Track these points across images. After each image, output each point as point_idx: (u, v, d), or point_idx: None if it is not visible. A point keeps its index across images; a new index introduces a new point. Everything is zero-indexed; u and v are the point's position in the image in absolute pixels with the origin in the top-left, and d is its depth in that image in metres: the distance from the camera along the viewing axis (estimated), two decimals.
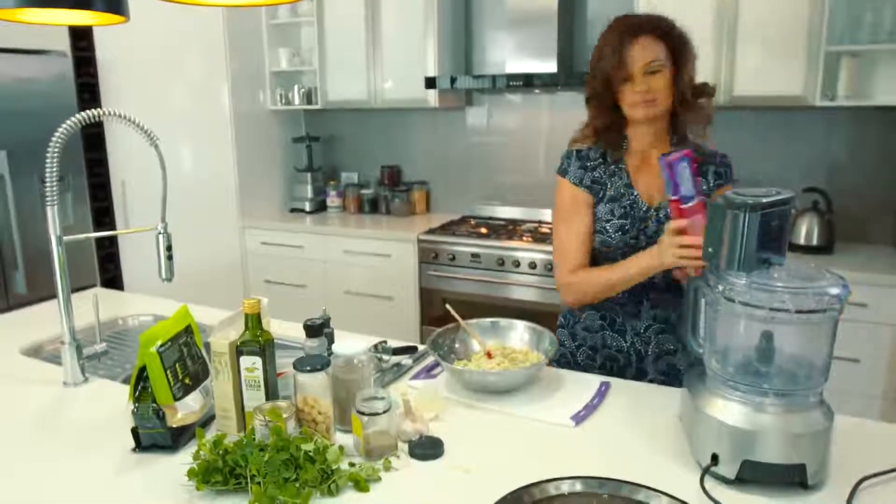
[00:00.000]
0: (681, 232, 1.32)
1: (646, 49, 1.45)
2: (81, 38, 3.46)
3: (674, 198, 1.34)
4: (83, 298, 1.72)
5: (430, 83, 3.35)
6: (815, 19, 2.62)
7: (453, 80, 3.29)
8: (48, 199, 1.45)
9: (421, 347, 1.67)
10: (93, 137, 3.58)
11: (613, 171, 1.58)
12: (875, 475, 1.08)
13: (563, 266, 1.59)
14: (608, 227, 1.55)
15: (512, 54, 3.26)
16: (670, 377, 1.59)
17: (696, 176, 1.33)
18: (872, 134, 2.91)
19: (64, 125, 1.42)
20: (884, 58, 2.72)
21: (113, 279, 3.76)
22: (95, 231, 3.41)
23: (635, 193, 1.55)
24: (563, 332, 1.69)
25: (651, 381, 1.58)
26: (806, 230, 2.84)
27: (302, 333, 1.46)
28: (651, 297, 1.56)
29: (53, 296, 1.70)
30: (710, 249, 1.15)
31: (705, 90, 1.52)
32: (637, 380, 1.55)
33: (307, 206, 3.98)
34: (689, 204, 1.32)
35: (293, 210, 4.04)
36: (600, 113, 1.55)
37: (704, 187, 1.50)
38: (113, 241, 3.78)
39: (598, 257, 1.60)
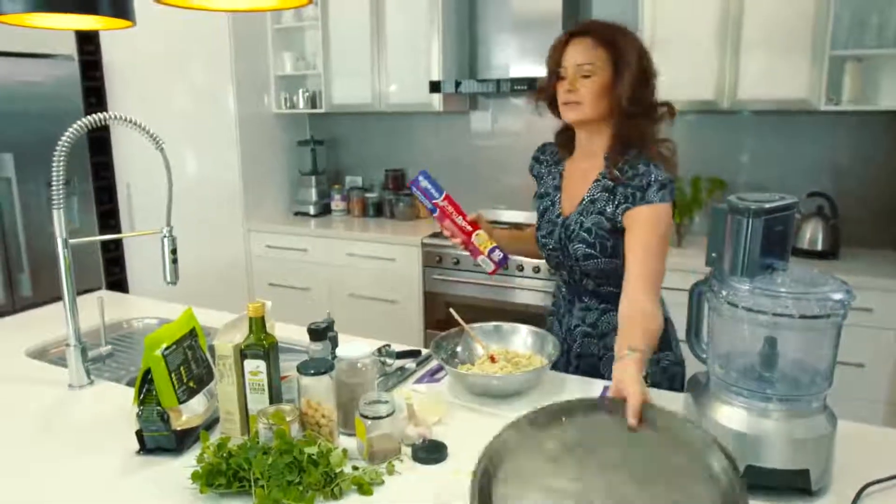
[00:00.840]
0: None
1: (582, 51, 1.45)
2: (88, 42, 3.49)
3: (439, 205, 1.58)
4: (88, 301, 1.73)
5: (435, 87, 3.36)
6: (820, 23, 2.62)
7: (458, 84, 3.29)
8: (54, 202, 1.46)
9: (424, 351, 1.68)
10: (98, 141, 3.61)
11: (552, 171, 1.66)
12: (879, 481, 1.08)
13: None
14: (537, 218, 1.67)
15: (516, 58, 3.27)
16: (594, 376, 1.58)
17: (429, 187, 1.56)
18: (877, 139, 2.90)
19: (70, 129, 1.43)
20: (889, 62, 2.71)
21: (118, 282, 3.78)
22: (101, 234, 3.43)
23: (558, 197, 1.61)
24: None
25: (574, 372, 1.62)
26: (811, 235, 2.83)
27: (306, 337, 1.46)
28: (584, 300, 1.61)
29: (59, 298, 1.71)
30: (713, 254, 1.15)
31: (650, 109, 1.48)
32: (565, 370, 1.62)
33: (311, 210, 3.99)
34: (434, 214, 1.58)
35: (297, 213, 4.05)
36: (553, 113, 1.58)
37: (609, 208, 1.47)
38: (118, 244, 3.81)
39: None
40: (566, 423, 1.05)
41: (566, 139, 1.61)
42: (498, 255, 1.59)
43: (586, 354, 1.62)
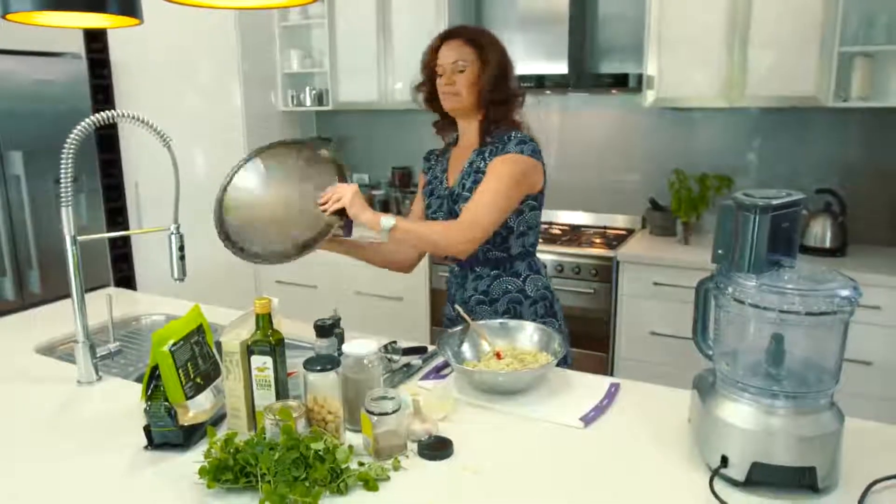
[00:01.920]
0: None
1: (454, 50, 1.69)
2: (96, 41, 3.50)
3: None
4: (97, 298, 1.74)
5: None
6: (829, 19, 2.61)
7: None
8: (63, 199, 1.47)
9: (430, 348, 1.68)
10: (106, 139, 3.62)
11: (439, 160, 1.88)
12: (887, 478, 1.07)
13: None
14: (425, 205, 1.86)
15: (523, 55, 3.26)
16: None
17: None
18: (886, 135, 2.89)
19: (78, 127, 1.44)
20: None
21: (126, 279, 3.80)
22: (109, 231, 3.44)
23: (444, 176, 1.83)
24: None
25: None
26: (819, 232, 2.82)
27: (313, 334, 1.47)
28: (476, 270, 1.78)
29: (68, 295, 1.71)
30: (720, 251, 1.15)
31: (512, 97, 1.74)
32: None
33: None
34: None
35: None
36: (433, 108, 1.82)
37: (483, 164, 1.71)
38: (126, 241, 3.82)
39: None
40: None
41: (445, 126, 1.85)
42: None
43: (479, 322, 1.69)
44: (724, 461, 1.08)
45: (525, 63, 3.25)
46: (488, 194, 1.62)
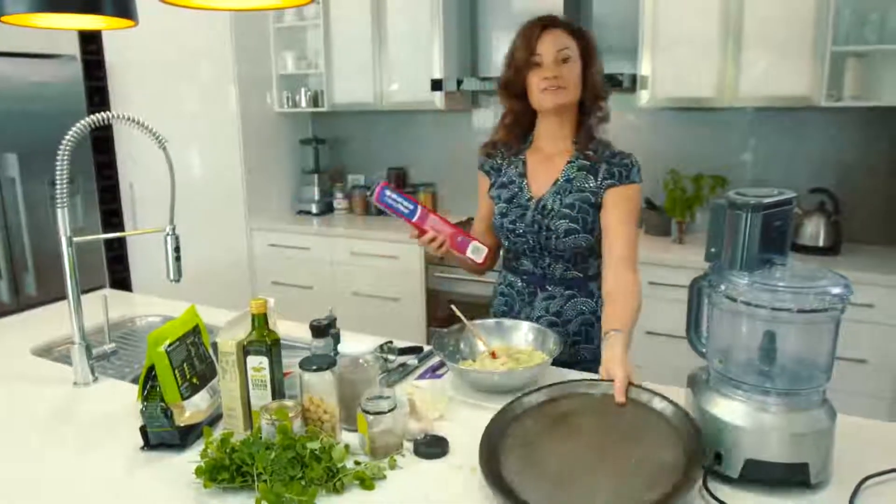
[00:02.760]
0: (422, 235, 1.58)
1: (558, 38, 1.53)
2: (91, 42, 3.50)
3: (417, 214, 1.56)
4: (93, 299, 1.74)
5: (437, 85, 3.36)
6: (821, 19, 2.62)
7: (459, 83, 3.30)
8: (58, 201, 1.47)
9: (426, 348, 1.68)
10: (102, 140, 3.62)
11: (511, 161, 1.69)
12: (878, 474, 1.08)
13: None
14: (495, 210, 1.68)
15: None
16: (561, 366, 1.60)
17: (400, 191, 1.55)
18: (879, 134, 2.90)
19: (74, 128, 1.44)
20: (890, 58, 2.71)
21: (121, 280, 3.80)
22: (104, 233, 3.44)
23: (524, 182, 1.65)
24: None
25: None
26: (813, 231, 2.83)
27: (309, 334, 1.48)
28: (547, 288, 1.65)
29: (63, 297, 1.71)
30: (712, 249, 1.16)
31: (607, 91, 1.62)
32: None
33: (314, 208, 4.00)
34: (416, 216, 1.51)
35: (300, 212, 4.06)
36: (510, 105, 1.64)
37: (591, 184, 1.58)
38: (122, 242, 3.82)
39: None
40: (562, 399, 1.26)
41: (520, 132, 1.68)
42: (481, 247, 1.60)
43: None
44: (718, 458, 1.09)
45: None
46: (633, 234, 1.54)
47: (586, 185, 1.57)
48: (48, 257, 3.08)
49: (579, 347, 1.67)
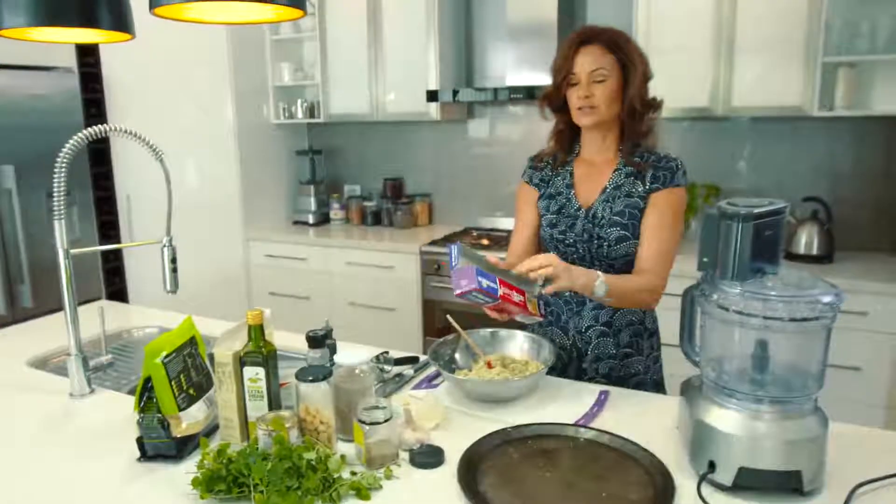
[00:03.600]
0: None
1: (593, 57, 1.52)
2: (88, 55, 3.52)
3: (493, 303, 1.40)
4: (89, 311, 1.74)
5: (432, 96, 3.38)
6: (812, 30, 2.65)
7: (455, 93, 3.32)
8: (56, 212, 1.48)
9: (422, 358, 1.69)
10: (98, 152, 3.63)
11: (559, 172, 1.69)
12: (871, 481, 1.09)
13: (508, 252, 1.76)
14: (543, 221, 1.68)
15: (513, 66, 3.29)
16: (612, 380, 1.62)
17: (483, 275, 1.36)
18: (871, 143, 2.93)
19: (71, 140, 1.45)
20: (881, 68, 2.74)
21: (118, 292, 3.80)
22: (101, 244, 3.45)
23: (572, 193, 1.64)
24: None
25: (591, 380, 1.63)
26: (806, 239, 2.85)
27: (305, 344, 1.48)
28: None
29: (59, 308, 1.70)
30: (704, 259, 1.17)
31: (653, 104, 1.59)
32: (578, 379, 1.61)
33: (310, 219, 4.01)
34: (498, 293, 1.38)
35: (296, 223, 4.07)
36: (556, 118, 1.66)
37: (640, 189, 1.57)
38: (118, 254, 3.83)
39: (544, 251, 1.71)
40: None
41: (566, 142, 1.68)
42: (542, 307, 1.55)
43: (604, 357, 1.63)
44: (712, 466, 1.10)
45: (514, 74, 3.29)
46: (675, 237, 1.55)
47: (634, 191, 1.57)
48: (44, 269, 3.08)
49: (631, 360, 1.65)
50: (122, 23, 1.54)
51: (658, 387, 1.68)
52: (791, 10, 2.69)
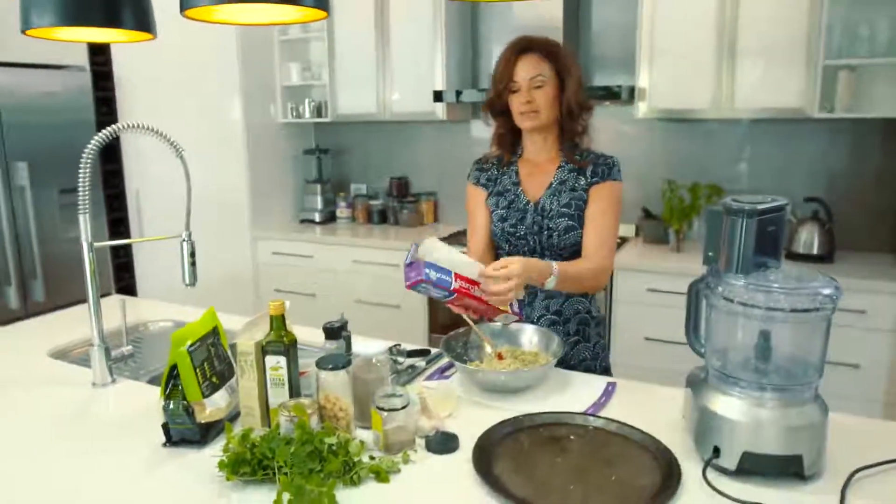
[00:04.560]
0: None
1: (531, 65, 1.65)
2: (99, 54, 3.56)
3: (450, 297, 1.44)
4: (106, 304, 1.78)
5: (438, 96, 3.43)
6: (813, 34, 2.70)
7: (458, 94, 3.36)
8: (80, 207, 1.52)
9: (434, 350, 1.74)
10: (108, 149, 3.68)
11: (505, 172, 1.81)
12: (868, 467, 1.14)
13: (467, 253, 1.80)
14: (494, 217, 1.78)
15: None
16: (563, 366, 1.66)
17: (435, 268, 1.41)
18: (871, 145, 2.98)
19: (97, 136, 1.50)
20: (880, 71, 2.79)
21: (127, 288, 3.85)
22: (112, 240, 3.49)
23: (519, 189, 1.76)
24: None
25: None
26: (806, 239, 2.90)
27: (316, 338, 1.53)
28: (547, 290, 1.66)
29: (72, 303, 1.75)
30: (709, 253, 1.22)
31: (587, 106, 1.71)
32: None
33: (317, 217, 4.06)
34: (451, 286, 1.41)
35: (303, 221, 4.12)
36: (498, 122, 1.78)
37: (582, 183, 1.70)
38: (127, 250, 3.87)
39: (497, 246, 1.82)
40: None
41: (509, 144, 1.80)
42: (516, 306, 1.58)
43: (553, 341, 1.69)
44: (717, 451, 1.14)
45: None
46: (614, 225, 1.69)
47: (577, 185, 1.71)
48: (56, 264, 3.13)
49: (579, 347, 1.75)
50: (144, 23, 1.58)
51: (606, 373, 1.79)
52: (792, 14, 2.74)
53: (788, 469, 1.11)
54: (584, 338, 1.76)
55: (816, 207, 2.93)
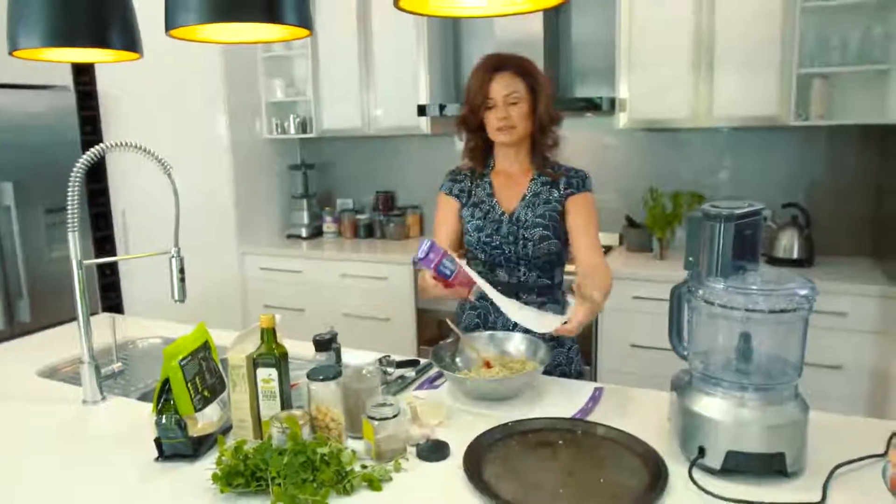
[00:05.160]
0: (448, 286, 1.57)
1: (506, 82, 1.70)
2: (83, 73, 3.57)
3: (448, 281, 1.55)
4: (94, 322, 1.78)
5: (422, 111, 3.46)
6: (787, 43, 2.77)
7: (442, 108, 3.40)
8: (70, 225, 1.53)
9: (423, 361, 1.76)
10: (93, 168, 3.67)
11: (478, 184, 1.86)
12: (849, 462, 1.17)
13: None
14: (469, 227, 1.83)
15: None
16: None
17: (444, 255, 1.53)
18: (846, 151, 3.05)
19: (87, 153, 1.51)
20: (852, 79, 2.86)
21: (114, 307, 3.83)
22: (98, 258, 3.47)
23: (494, 201, 1.81)
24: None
25: None
26: (786, 244, 2.95)
27: (305, 351, 1.54)
28: (521, 297, 1.77)
29: (58, 323, 1.74)
30: (690, 258, 1.25)
31: (557, 119, 1.78)
32: None
33: (304, 232, 4.07)
34: (454, 274, 1.54)
35: (290, 236, 4.12)
36: (470, 137, 1.83)
37: (555, 195, 1.77)
38: (114, 269, 3.86)
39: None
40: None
41: (481, 157, 1.85)
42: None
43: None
44: (702, 451, 1.17)
45: None
46: (597, 231, 1.76)
47: (552, 197, 1.77)
48: (42, 284, 3.11)
49: (554, 353, 1.76)
50: (131, 43, 1.61)
51: (580, 377, 1.81)
52: (766, 24, 2.81)
53: (772, 466, 1.14)
54: (559, 343, 1.80)
55: (795, 213, 2.99)
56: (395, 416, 1.26)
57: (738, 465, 1.14)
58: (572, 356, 1.84)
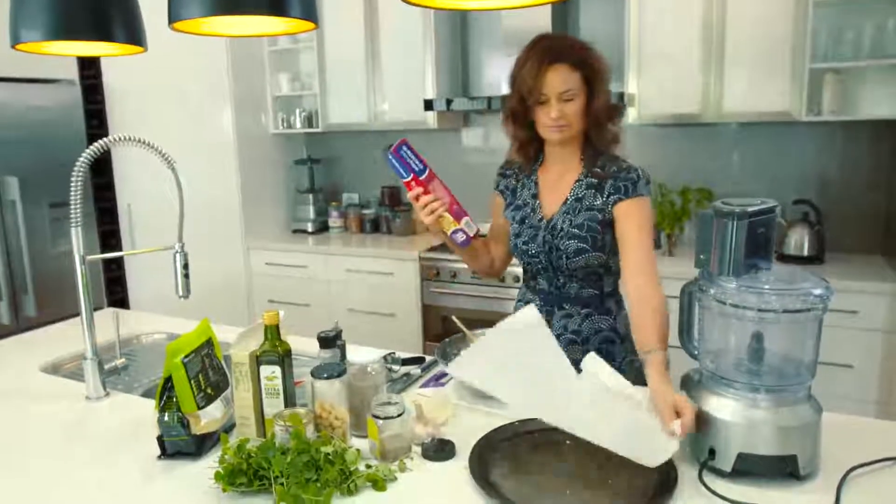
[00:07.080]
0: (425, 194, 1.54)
1: (561, 77, 1.51)
2: (88, 67, 3.56)
3: (407, 179, 1.54)
4: (98, 317, 1.77)
5: (429, 105, 3.44)
6: (799, 38, 2.73)
7: (449, 102, 3.37)
8: (72, 220, 1.52)
9: (428, 358, 1.74)
10: (99, 163, 3.67)
11: (524, 183, 1.71)
12: (863, 465, 1.15)
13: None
14: (510, 231, 1.71)
15: (507, 75, 3.35)
16: None
17: (417, 155, 1.53)
18: (858, 147, 3.01)
19: (90, 148, 1.50)
20: (866, 74, 2.82)
21: (119, 301, 3.83)
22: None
23: (537, 203, 1.67)
24: None
25: None
26: (797, 241, 2.92)
27: (310, 348, 1.52)
28: (564, 307, 1.65)
29: (63, 318, 1.72)
30: (701, 256, 1.23)
31: (615, 113, 1.61)
32: None
33: (309, 227, 4.06)
34: (424, 175, 1.53)
35: (296, 231, 4.11)
36: (518, 129, 1.64)
37: (599, 201, 1.59)
38: (119, 264, 3.86)
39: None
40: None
41: (530, 153, 1.69)
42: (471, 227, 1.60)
43: (574, 365, 1.66)
44: (712, 453, 1.15)
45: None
46: (651, 242, 1.56)
47: (594, 204, 1.59)
48: (47, 279, 3.11)
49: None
50: (135, 36, 1.59)
51: None
52: (778, 18, 2.76)
53: (784, 469, 1.11)
54: (607, 356, 1.60)
55: (806, 209, 2.95)
56: (399, 416, 1.24)
57: (750, 468, 1.12)
58: (624, 369, 1.64)
